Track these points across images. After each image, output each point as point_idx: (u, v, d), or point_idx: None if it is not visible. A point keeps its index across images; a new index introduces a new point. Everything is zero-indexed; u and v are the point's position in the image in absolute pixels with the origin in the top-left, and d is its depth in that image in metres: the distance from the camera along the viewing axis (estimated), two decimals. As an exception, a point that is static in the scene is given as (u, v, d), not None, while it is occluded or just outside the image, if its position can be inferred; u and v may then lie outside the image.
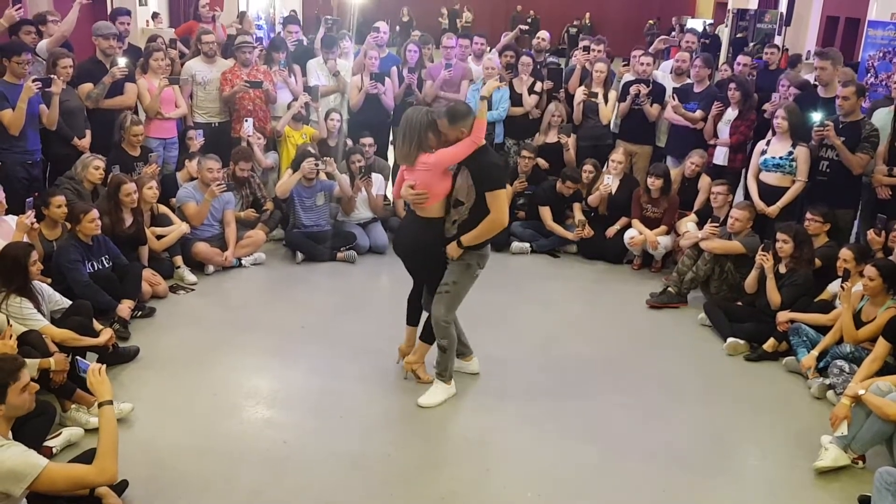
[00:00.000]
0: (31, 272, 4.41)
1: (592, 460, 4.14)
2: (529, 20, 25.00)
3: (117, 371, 4.75)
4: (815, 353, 4.96)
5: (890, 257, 5.17)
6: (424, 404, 4.57)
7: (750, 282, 5.70)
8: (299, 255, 6.83)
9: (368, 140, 7.35)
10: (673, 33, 11.39)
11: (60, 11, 8.08)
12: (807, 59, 9.73)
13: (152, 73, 7.08)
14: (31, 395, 3.19)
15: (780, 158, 6.11)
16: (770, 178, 6.21)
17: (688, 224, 6.61)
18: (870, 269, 4.80)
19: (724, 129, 6.94)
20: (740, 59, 8.22)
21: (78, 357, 3.97)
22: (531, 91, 7.84)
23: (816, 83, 6.53)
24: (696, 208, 6.79)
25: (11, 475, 2.90)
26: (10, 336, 3.95)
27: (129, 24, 7.79)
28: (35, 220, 5.07)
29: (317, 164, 6.80)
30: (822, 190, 6.01)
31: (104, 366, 3.40)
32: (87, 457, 3.23)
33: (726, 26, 22.79)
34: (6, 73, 5.79)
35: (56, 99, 5.98)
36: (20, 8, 6.37)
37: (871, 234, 5.51)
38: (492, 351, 5.26)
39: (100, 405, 3.22)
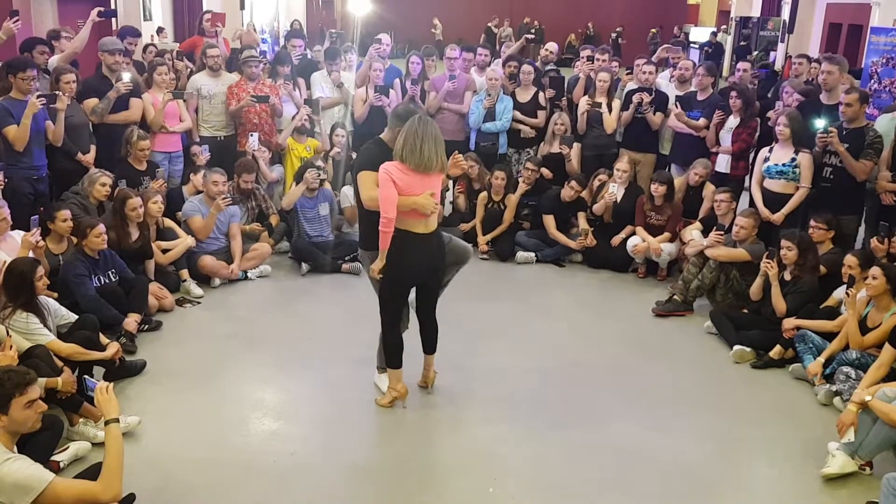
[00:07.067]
0: (38, 287, 4.42)
1: (598, 470, 4.13)
2: (534, 31, 25.05)
3: (124, 385, 4.77)
4: (821, 359, 4.95)
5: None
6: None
7: (755, 289, 5.69)
8: (304, 267, 6.83)
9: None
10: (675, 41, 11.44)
11: (64, 26, 8.16)
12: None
13: (156, 87, 7.12)
14: (38, 415, 3.16)
15: (784, 165, 6.11)
16: (774, 185, 6.20)
17: (693, 232, 6.60)
18: (875, 269, 4.79)
19: (726, 137, 6.95)
20: (740, 65, 8.19)
21: (85, 376, 3.98)
22: (539, 106, 7.86)
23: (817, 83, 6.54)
24: (700, 216, 6.79)
25: (17, 489, 2.91)
26: (10, 347, 3.94)
27: (136, 44, 7.84)
28: (40, 237, 5.09)
29: (319, 173, 6.83)
30: (826, 196, 6.00)
31: (111, 384, 3.42)
32: (94, 471, 3.23)
33: (729, 34, 22.82)
34: (12, 89, 5.83)
35: (61, 115, 6.00)
36: (18, 20, 6.38)
37: (874, 241, 5.50)
38: (498, 361, 5.27)
39: (106, 423, 3.23)
